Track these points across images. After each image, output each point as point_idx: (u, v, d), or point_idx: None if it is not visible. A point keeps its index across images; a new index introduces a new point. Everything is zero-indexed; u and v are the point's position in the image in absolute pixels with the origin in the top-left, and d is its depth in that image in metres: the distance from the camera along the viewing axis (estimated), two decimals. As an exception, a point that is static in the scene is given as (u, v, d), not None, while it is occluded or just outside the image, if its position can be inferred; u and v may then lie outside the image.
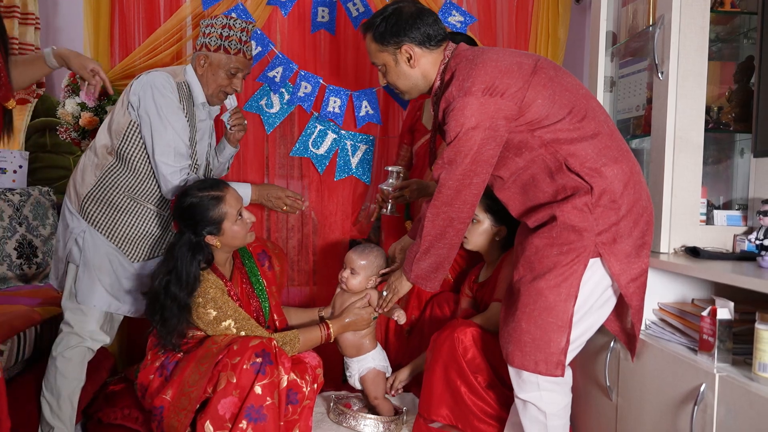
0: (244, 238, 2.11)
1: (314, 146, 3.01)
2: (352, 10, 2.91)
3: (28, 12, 3.06)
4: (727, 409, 1.44)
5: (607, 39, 2.37)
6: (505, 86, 1.68)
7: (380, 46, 1.86)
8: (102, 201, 2.14)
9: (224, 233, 2.05)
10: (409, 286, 2.02)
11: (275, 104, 2.97)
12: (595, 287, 1.75)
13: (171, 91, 2.12)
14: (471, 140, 1.70)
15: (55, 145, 3.22)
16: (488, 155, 1.73)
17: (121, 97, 2.17)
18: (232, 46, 2.18)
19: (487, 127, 1.69)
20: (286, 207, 2.37)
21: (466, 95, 1.69)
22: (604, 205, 1.69)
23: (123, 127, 2.12)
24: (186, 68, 2.24)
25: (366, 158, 3.03)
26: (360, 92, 2.96)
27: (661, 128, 1.93)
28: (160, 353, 2.08)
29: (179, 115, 2.13)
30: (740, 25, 2.09)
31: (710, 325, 1.55)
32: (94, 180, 2.14)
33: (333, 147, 3.02)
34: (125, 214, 2.16)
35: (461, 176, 1.75)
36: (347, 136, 3.01)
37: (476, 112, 1.68)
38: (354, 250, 2.32)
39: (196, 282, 2.00)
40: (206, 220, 2.01)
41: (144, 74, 2.14)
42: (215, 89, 2.22)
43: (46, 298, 2.51)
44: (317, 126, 3.00)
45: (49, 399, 2.11)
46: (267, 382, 1.91)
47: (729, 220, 1.97)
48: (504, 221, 2.28)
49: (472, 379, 2.12)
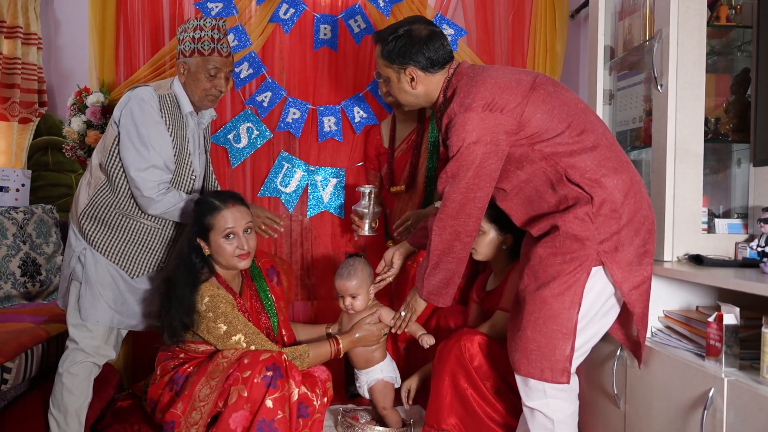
0: (231, 259, 2.09)
1: (282, 184, 3.00)
2: (354, 26, 2.96)
3: (30, 32, 3.09)
4: (737, 413, 1.47)
5: (605, 53, 2.42)
6: (505, 102, 1.74)
7: (386, 62, 1.94)
8: (96, 219, 2.14)
9: (210, 244, 2.09)
10: (425, 304, 2.07)
11: (243, 138, 2.97)
12: (598, 295, 1.78)
13: (151, 104, 2.11)
14: (472, 154, 1.75)
15: (57, 164, 3.24)
16: (490, 169, 1.78)
17: (112, 116, 2.19)
18: (205, 47, 2.16)
19: (488, 141, 1.74)
20: (263, 227, 2.34)
21: (467, 111, 1.75)
22: (605, 214, 1.73)
23: (109, 143, 2.14)
24: (174, 79, 2.24)
25: (337, 191, 3.02)
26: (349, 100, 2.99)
27: (662, 139, 1.98)
28: (169, 368, 2.09)
29: (158, 129, 2.11)
30: (735, 38, 2.15)
31: (717, 330, 1.58)
32: (87, 198, 2.16)
33: (302, 183, 3.01)
34: (120, 231, 2.16)
35: (465, 190, 1.80)
36: (316, 171, 3.01)
37: (477, 127, 1.74)
38: (339, 277, 2.29)
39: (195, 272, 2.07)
40: (197, 222, 2.08)
41: (130, 92, 2.15)
42: (200, 94, 2.21)
43: (52, 316, 2.51)
44: (284, 164, 2.99)
45: (57, 416, 2.11)
46: (278, 395, 1.92)
47: (730, 228, 2.01)
48: (509, 229, 2.31)
49: (480, 385, 2.14)
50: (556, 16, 2.99)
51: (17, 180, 3.01)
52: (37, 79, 3.12)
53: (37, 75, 3.12)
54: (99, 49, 2.85)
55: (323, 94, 3.01)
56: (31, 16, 3.09)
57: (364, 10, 2.96)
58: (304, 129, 2.99)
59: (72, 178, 3.26)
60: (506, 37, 3.06)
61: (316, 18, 2.96)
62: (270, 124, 2.99)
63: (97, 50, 2.85)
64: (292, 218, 3.04)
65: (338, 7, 2.99)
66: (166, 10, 2.94)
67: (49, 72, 3.25)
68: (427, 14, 2.99)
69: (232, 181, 2.99)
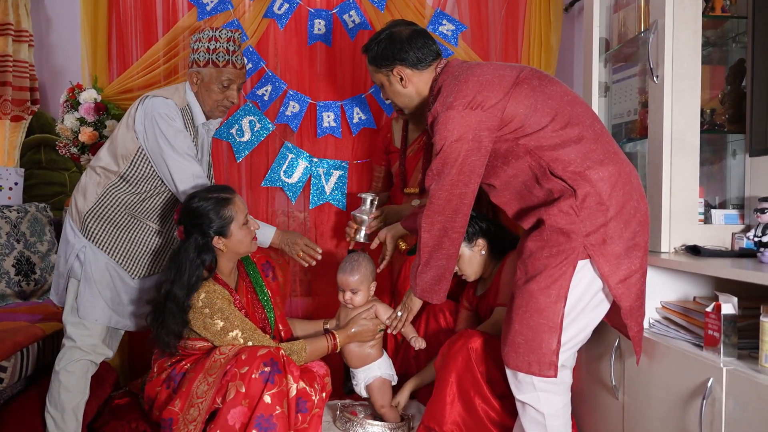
0: (249, 245, 2.12)
1: (286, 175, 2.99)
2: (348, 21, 2.95)
3: (21, 29, 3.07)
4: (736, 402, 1.47)
5: (600, 45, 2.42)
6: (485, 99, 1.75)
7: (375, 68, 2.04)
8: (103, 218, 2.14)
9: (231, 236, 2.06)
10: (420, 302, 2.09)
11: (245, 132, 2.95)
12: (586, 289, 1.77)
13: (177, 118, 2.13)
14: (455, 152, 1.77)
15: (51, 162, 3.22)
16: (474, 165, 1.80)
17: (125, 120, 2.17)
18: (219, 58, 2.18)
19: (470, 139, 1.76)
20: (301, 254, 2.32)
21: (449, 109, 1.77)
22: (590, 207, 1.72)
23: (131, 152, 2.14)
24: (186, 88, 2.23)
25: (340, 184, 3.01)
26: (350, 99, 2.98)
27: (658, 131, 1.98)
28: (166, 365, 2.08)
29: (188, 141, 2.15)
30: (730, 29, 2.15)
31: (715, 320, 1.59)
32: (95, 198, 2.15)
33: (305, 175, 3.00)
34: (126, 231, 2.17)
35: (450, 186, 1.81)
36: (319, 163, 3.00)
37: (458, 125, 1.76)
38: (342, 271, 2.29)
39: (197, 282, 2.01)
40: (216, 220, 2.03)
41: (148, 100, 2.13)
42: (212, 105, 2.23)
43: (47, 314, 2.50)
44: (288, 155, 2.98)
45: (54, 414, 2.09)
46: (276, 391, 1.91)
47: (726, 218, 2.02)
48: (474, 236, 2.29)
49: (486, 391, 2.12)
50: (550, 9, 2.98)
51: (10, 178, 2.99)
52: (28, 76, 3.09)
53: (28, 72, 3.10)
54: (91, 45, 2.83)
55: (321, 89, 2.99)
56: (21, 13, 3.06)
57: (359, 5, 2.95)
58: (302, 124, 2.97)
59: (65, 176, 3.24)
60: (501, 31, 3.05)
61: (311, 13, 2.94)
62: (271, 117, 2.98)
63: (90, 47, 2.83)
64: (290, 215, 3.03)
65: (333, 1, 2.97)
66: (159, 5, 2.92)
67: (41, 69, 3.23)
68: (425, 11, 2.98)
69: (228, 174, 2.98)
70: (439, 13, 2.98)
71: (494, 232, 2.34)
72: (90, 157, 2.78)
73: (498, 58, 3.04)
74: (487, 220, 2.35)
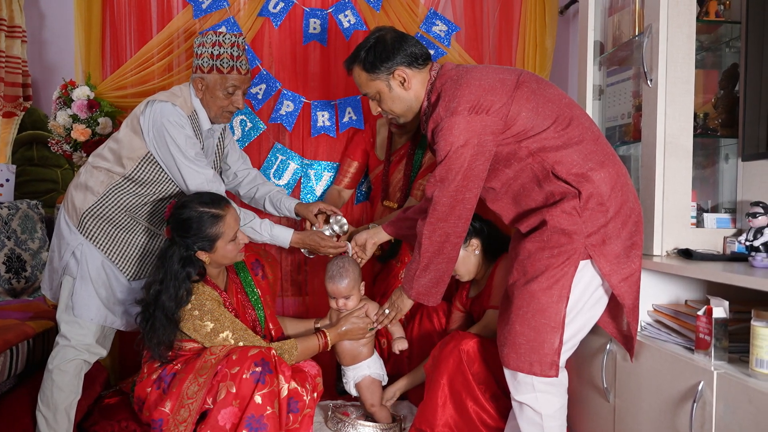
0: (234, 258, 2.10)
1: (276, 177, 2.97)
2: (344, 21, 2.94)
3: (14, 25, 3.04)
4: (726, 406, 1.47)
5: (595, 48, 2.43)
6: (490, 103, 1.75)
7: (371, 75, 1.93)
8: (102, 217, 2.14)
9: (216, 251, 2.04)
10: (411, 303, 2.07)
11: (236, 131, 2.93)
12: (586, 287, 1.79)
13: (186, 126, 2.12)
14: (461, 158, 1.76)
15: (42, 158, 3.20)
16: (478, 170, 1.80)
17: (129, 122, 2.16)
18: (224, 65, 2.16)
19: (475, 143, 1.76)
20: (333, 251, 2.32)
21: (453, 115, 1.76)
22: (592, 208, 1.74)
23: (138, 155, 2.13)
24: (191, 94, 2.20)
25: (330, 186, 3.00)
26: (344, 100, 2.97)
27: (651, 134, 1.98)
28: (156, 366, 2.07)
29: (198, 147, 2.15)
30: (724, 34, 2.16)
31: (706, 323, 1.59)
32: (97, 197, 2.14)
33: (296, 176, 2.99)
34: (124, 232, 2.16)
35: (454, 192, 1.81)
36: (310, 164, 2.99)
37: (464, 130, 1.75)
38: (331, 280, 2.25)
39: (186, 296, 1.99)
40: (201, 237, 2.00)
41: (156, 105, 2.11)
42: (217, 110, 2.22)
43: (38, 312, 2.48)
44: (279, 156, 2.97)
45: (45, 413, 2.08)
46: (267, 391, 1.91)
47: (718, 222, 2.02)
48: (468, 236, 2.29)
49: (477, 393, 2.13)
50: (545, 12, 2.99)
51: (1, 175, 2.96)
52: (21, 72, 3.07)
53: (21, 68, 3.07)
54: (85, 42, 2.80)
55: (315, 88, 2.98)
56: (15, 9, 3.04)
57: (355, 5, 2.94)
58: (296, 123, 2.96)
59: (58, 173, 3.22)
60: (495, 33, 3.05)
61: (306, 12, 2.93)
62: (263, 117, 2.97)
63: (83, 43, 2.80)
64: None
65: (328, 1, 2.96)
66: (153, 2, 2.90)
67: (34, 66, 3.20)
68: (418, 11, 2.98)
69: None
70: (432, 14, 2.98)
71: (487, 232, 2.35)
72: (82, 155, 2.76)
73: (492, 60, 3.04)
74: (480, 219, 2.35)
